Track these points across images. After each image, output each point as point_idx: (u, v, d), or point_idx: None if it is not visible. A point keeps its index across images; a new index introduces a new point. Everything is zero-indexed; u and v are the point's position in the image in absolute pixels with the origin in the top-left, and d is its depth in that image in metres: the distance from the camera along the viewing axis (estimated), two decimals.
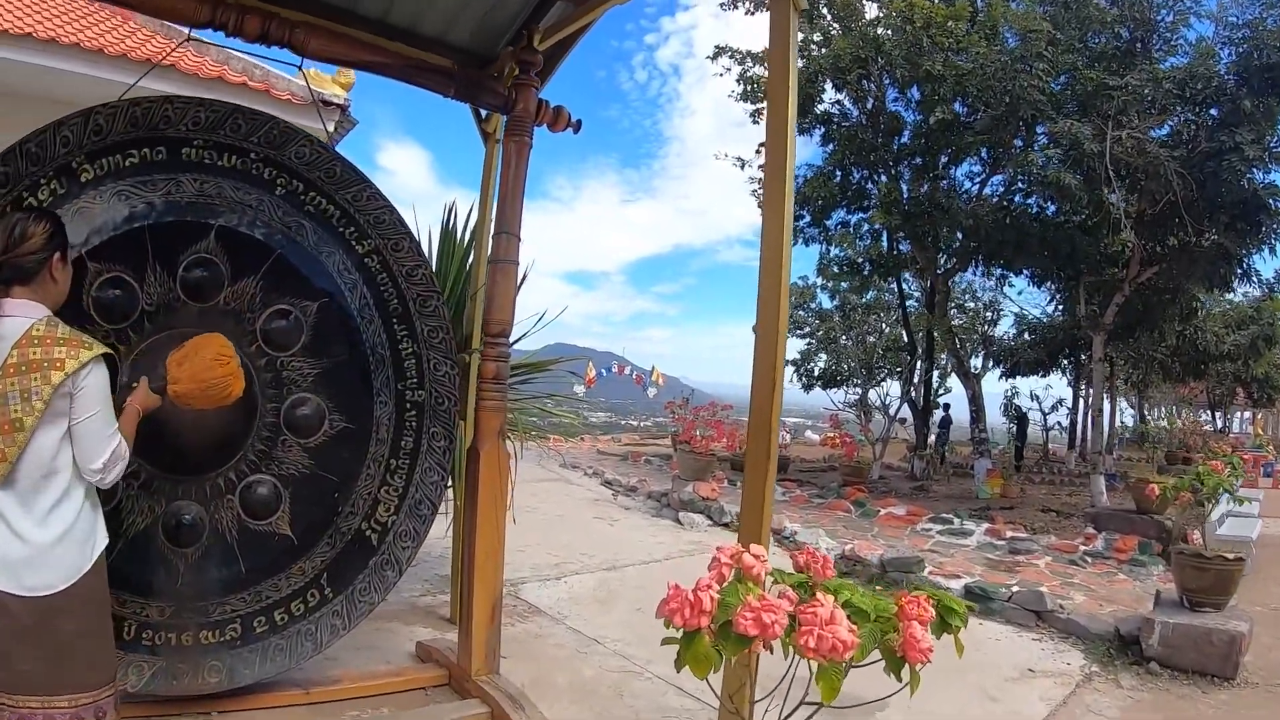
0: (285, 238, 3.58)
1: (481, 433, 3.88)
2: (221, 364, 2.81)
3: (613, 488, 12.16)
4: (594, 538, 8.55)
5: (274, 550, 3.62)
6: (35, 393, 2.30)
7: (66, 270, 2.58)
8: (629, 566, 7.39)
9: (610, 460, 15.45)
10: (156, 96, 3.32)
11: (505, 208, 3.94)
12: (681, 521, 9.69)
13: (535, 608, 5.89)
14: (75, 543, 2.42)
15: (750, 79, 16.51)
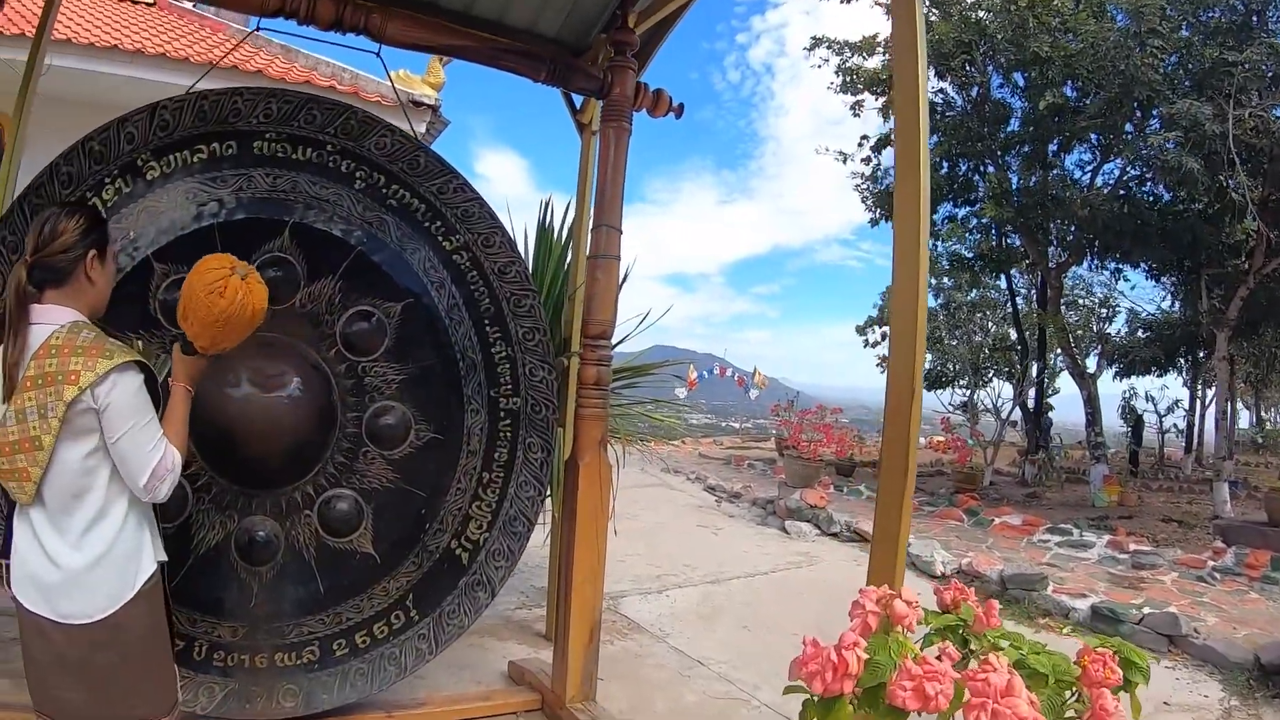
0: (366, 234, 3.33)
1: (581, 443, 3.60)
2: (220, 294, 2.40)
3: (716, 494, 11.79)
4: (697, 548, 8.22)
5: (355, 569, 3.39)
6: (50, 409, 2.10)
7: (105, 269, 2.36)
8: (734, 579, 7.03)
9: (713, 464, 15.04)
10: (225, 89, 3.15)
11: (604, 199, 3.65)
12: (788, 530, 9.26)
13: (635, 624, 5.60)
14: (113, 568, 2.21)
15: (849, 69, 16.04)
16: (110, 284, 2.42)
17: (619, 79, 3.68)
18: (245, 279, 2.42)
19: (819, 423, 12.65)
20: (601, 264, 3.61)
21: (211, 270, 2.39)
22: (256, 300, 2.46)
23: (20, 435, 2.11)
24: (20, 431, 2.11)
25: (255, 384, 3.15)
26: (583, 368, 3.63)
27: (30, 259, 2.22)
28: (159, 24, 9.48)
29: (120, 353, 2.18)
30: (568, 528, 3.64)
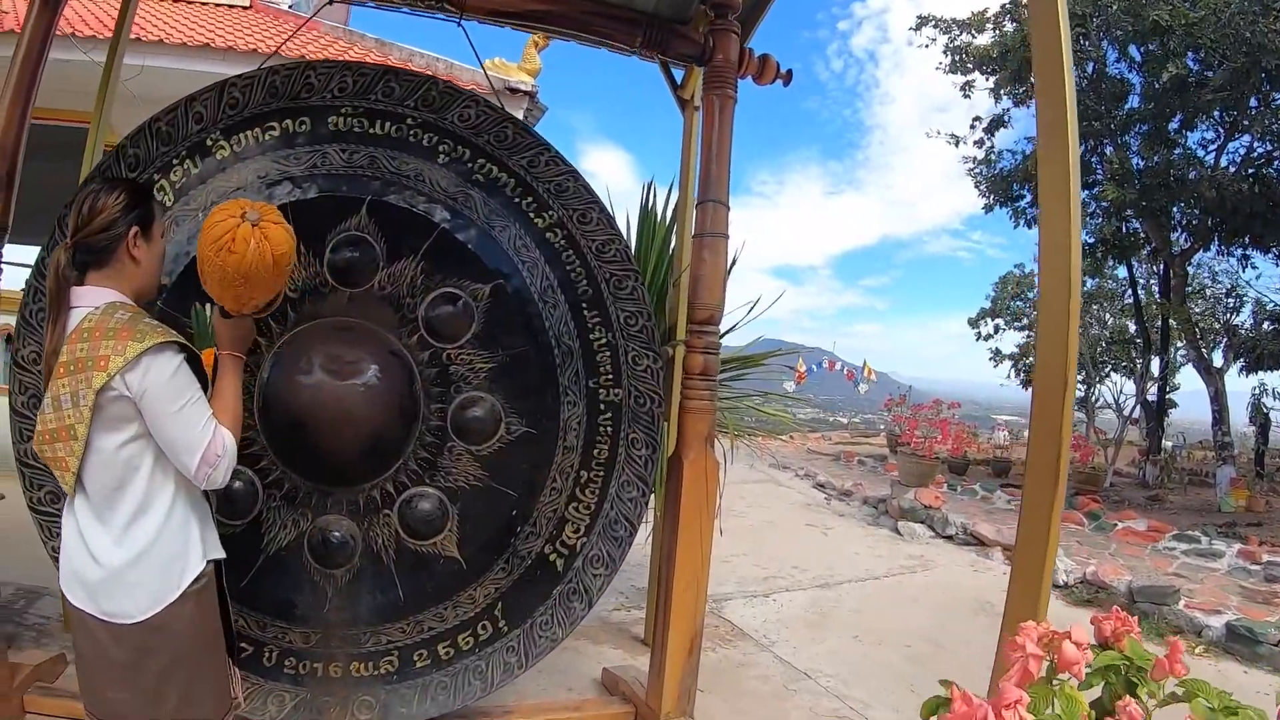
0: (450, 211, 3.07)
1: (686, 438, 3.29)
2: (228, 250, 2.11)
3: (825, 491, 11.37)
4: (806, 548, 7.88)
5: (439, 575, 3.15)
6: (81, 397, 1.97)
7: (152, 248, 2.18)
8: (844, 584, 6.67)
9: (821, 460, 14.58)
10: (297, 62, 2.98)
11: (709, 173, 3.33)
12: (901, 532, 8.84)
13: (739, 630, 5.31)
14: (156, 567, 2.06)
15: (958, 48, 15.42)
16: (159, 264, 2.25)
17: (721, 43, 3.37)
18: (258, 224, 2.14)
19: (935, 418, 12.11)
20: (708, 243, 3.29)
21: (217, 224, 2.13)
22: (275, 244, 2.17)
23: (57, 424, 2.01)
24: (57, 420, 2.01)
25: (329, 371, 2.93)
26: (689, 356, 3.31)
27: (70, 239, 2.07)
28: (252, 24, 9.60)
29: (153, 333, 1.98)
30: (670, 530, 3.34)
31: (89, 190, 2.12)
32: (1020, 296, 18.98)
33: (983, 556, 8.04)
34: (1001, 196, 15.71)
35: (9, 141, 2.85)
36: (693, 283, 3.33)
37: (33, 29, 2.92)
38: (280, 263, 2.20)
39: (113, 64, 4.05)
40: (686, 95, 4.30)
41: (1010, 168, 15.54)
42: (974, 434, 14.12)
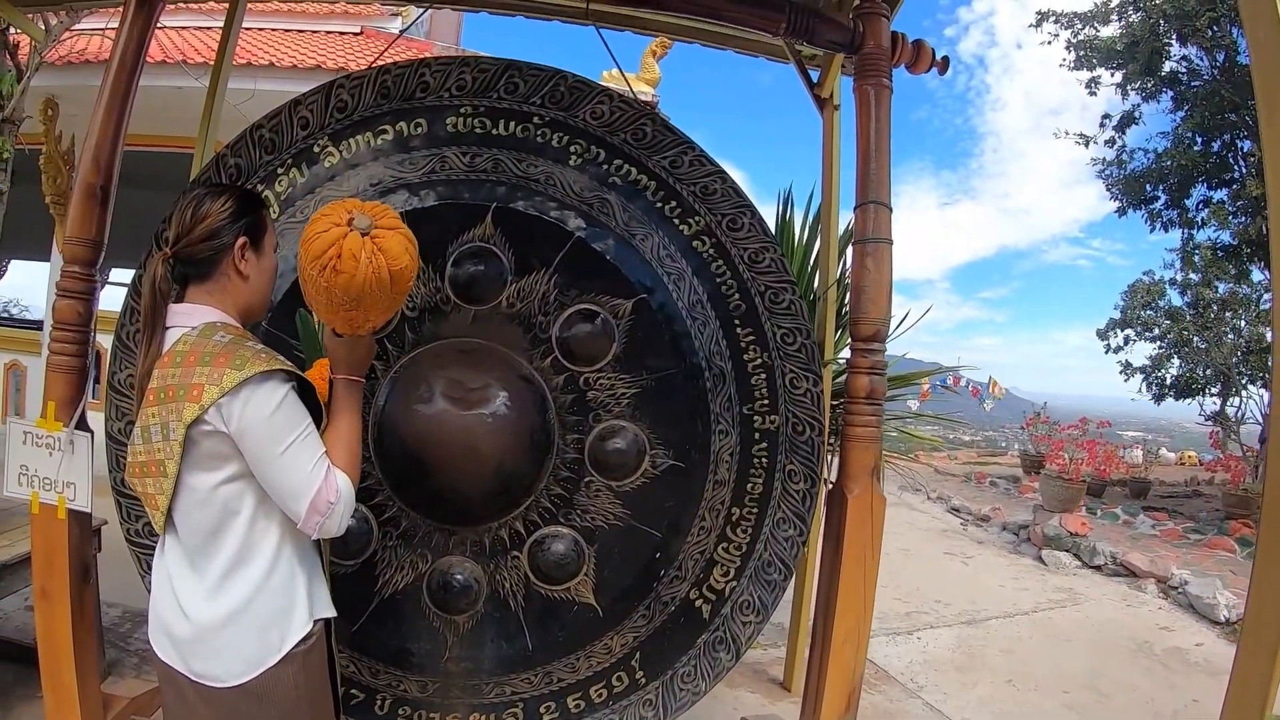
0: (585, 218, 2.76)
1: (850, 470, 2.86)
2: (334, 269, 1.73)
3: (961, 516, 10.81)
4: (946, 580, 7.41)
5: (572, 622, 2.83)
6: (172, 429, 1.73)
7: (262, 262, 1.93)
8: (991, 620, 6.18)
9: (951, 481, 13.98)
10: (410, 61, 2.74)
11: (868, 171, 2.94)
12: (1045, 561, 8.24)
13: (884, 672, 4.90)
14: (252, 628, 1.79)
15: (1081, 43, 14.70)
16: (270, 280, 1.99)
17: (872, 28, 3.00)
18: (369, 233, 1.77)
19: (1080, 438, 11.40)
20: (871, 249, 2.89)
21: (319, 235, 1.75)
22: (391, 258, 1.79)
23: (147, 456, 1.79)
24: (146, 452, 1.79)
25: (451, 399, 2.65)
26: (853, 377, 2.91)
27: (170, 249, 1.81)
28: (363, 47, 9.72)
29: (255, 360, 1.70)
30: (829, 573, 2.93)
31: (193, 196, 1.87)
32: (1151, 305, 17.98)
33: (1135, 589, 7.44)
34: (1134, 199, 14.93)
35: (104, 154, 2.69)
36: (855, 294, 2.93)
37: (126, 36, 2.76)
38: (399, 279, 1.83)
39: (217, 85, 3.92)
40: (825, 94, 3.98)
41: (1143, 168, 14.76)
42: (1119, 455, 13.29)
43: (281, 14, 10.51)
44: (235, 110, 4.08)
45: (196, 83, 6.00)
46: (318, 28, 10.68)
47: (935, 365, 7.43)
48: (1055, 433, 12.32)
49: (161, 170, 7.56)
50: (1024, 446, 14.48)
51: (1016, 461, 15.03)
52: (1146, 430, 28.68)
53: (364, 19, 10.79)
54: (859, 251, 2.93)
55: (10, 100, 6.30)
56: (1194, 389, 17.19)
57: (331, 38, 10.39)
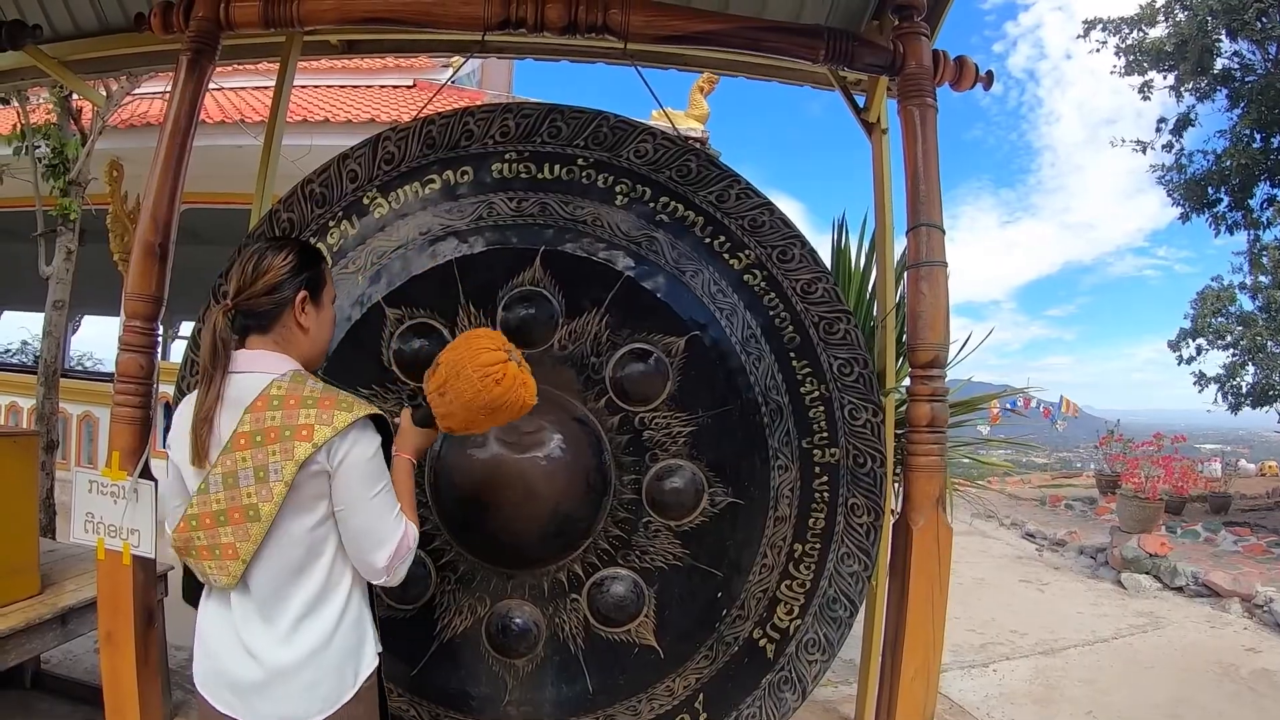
0: (634, 257, 2.75)
1: (915, 500, 2.80)
2: (496, 381, 2.00)
3: (1036, 541, 10.53)
4: (1022, 608, 7.20)
5: (633, 665, 2.79)
6: (274, 472, 1.76)
7: (321, 315, 2.00)
8: (1070, 649, 5.98)
9: (1025, 506, 13.60)
10: (453, 110, 2.79)
11: (918, 193, 2.90)
12: (1124, 584, 7.97)
13: (959, 707, 4.77)
14: (331, 665, 1.85)
15: (1131, 48, 14.46)
16: (329, 332, 2.06)
17: (912, 48, 2.97)
18: (521, 366, 2.08)
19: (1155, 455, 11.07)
20: (925, 273, 2.84)
21: (487, 351, 2.04)
22: (529, 394, 2.09)
23: (229, 504, 1.79)
24: (229, 500, 1.79)
25: (506, 444, 2.65)
26: (913, 405, 2.86)
27: (231, 302, 1.89)
28: (416, 100, 9.88)
29: (360, 405, 1.85)
30: (896, 608, 2.87)
31: (253, 250, 1.92)
32: (1221, 312, 17.46)
33: (1219, 610, 7.17)
34: (1197, 203, 14.58)
35: (161, 212, 2.77)
36: (911, 319, 2.88)
37: (179, 98, 2.84)
38: (524, 409, 2.12)
39: (271, 141, 4.01)
40: (872, 118, 3.92)
41: (1203, 170, 14.42)
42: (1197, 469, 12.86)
43: (335, 71, 10.80)
44: (293, 166, 4.16)
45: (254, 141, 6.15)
46: (371, 82, 10.96)
47: (1004, 388, 7.27)
48: (1130, 450, 11.95)
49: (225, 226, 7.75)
50: (1099, 466, 14.08)
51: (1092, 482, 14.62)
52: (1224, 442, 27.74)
53: (416, 72, 11.03)
54: (913, 276, 2.88)
55: (75, 164, 6.50)
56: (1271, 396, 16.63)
57: (385, 91, 10.64)
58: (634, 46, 2.93)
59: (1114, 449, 12.84)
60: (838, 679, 4.93)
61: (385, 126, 7.10)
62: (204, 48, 2.93)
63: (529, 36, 3.21)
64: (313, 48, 4.45)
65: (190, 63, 2.90)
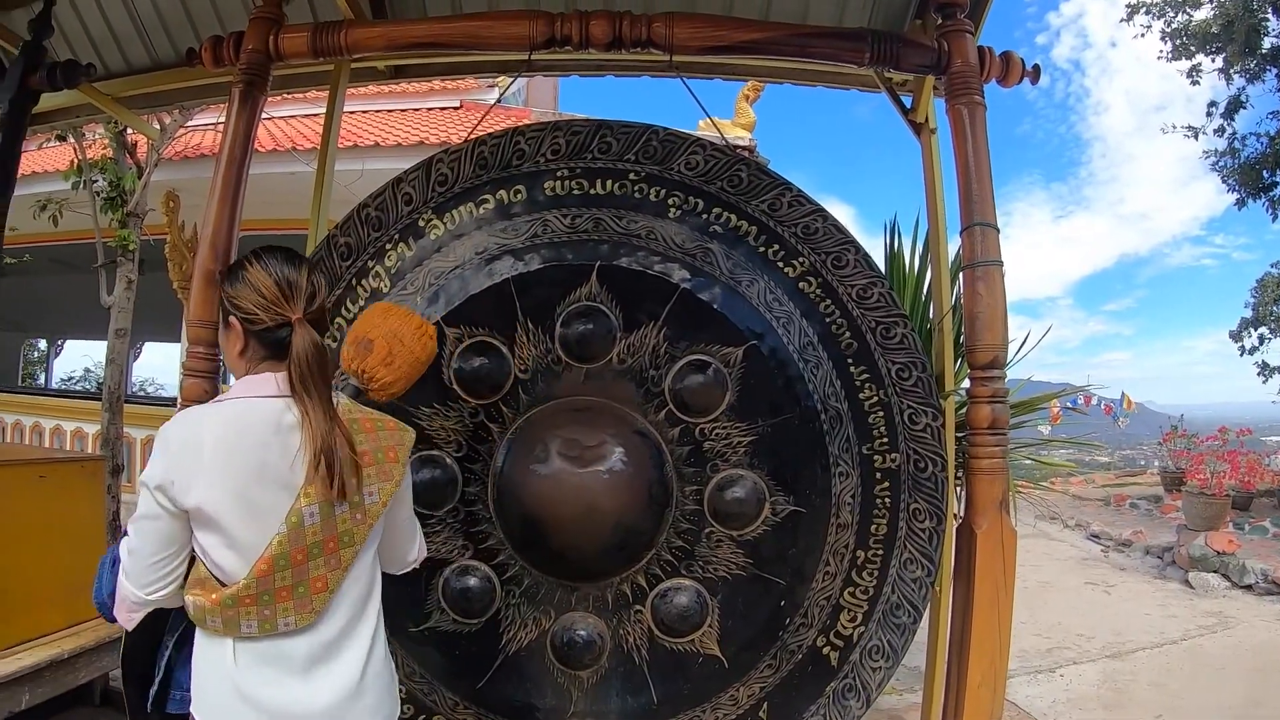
0: (689, 269, 2.76)
1: (978, 504, 2.77)
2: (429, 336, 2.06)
3: (1101, 542, 10.36)
4: (1088, 611, 7.09)
5: (697, 675, 2.79)
6: (370, 495, 1.78)
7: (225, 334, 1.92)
8: (1138, 652, 5.87)
9: (1089, 506, 13.33)
10: (503, 130, 2.81)
11: (970, 192, 2.88)
12: (1192, 584, 7.82)
13: (1026, 714, 4.71)
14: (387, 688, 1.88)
15: (1176, 31, 14.17)
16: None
17: (957, 46, 2.95)
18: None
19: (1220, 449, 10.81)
20: (981, 273, 2.82)
21: (407, 314, 2.09)
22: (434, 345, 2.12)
23: (325, 535, 1.71)
24: (325, 531, 1.71)
25: (567, 458, 2.67)
26: (974, 408, 2.83)
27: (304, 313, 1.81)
28: (463, 121, 10.02)
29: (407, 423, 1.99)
30: (961, 613, 2.84)
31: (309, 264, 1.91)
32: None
33: None
34: (1252, 188, 14.22)
35: (220, 240, 2.83)
36: (968, 321, 2.86)
37: (233, 128, 2.91)
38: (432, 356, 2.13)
39: (324, 166, 4.07)
40: (919, 119, 3.89)
41: (1258, 153, 14.08)
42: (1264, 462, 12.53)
43: (383, 95, 10.98)
44: (346, 190, 4.23)
45: (306, 167, 6.26)
46: (418, 105, 11.13)
47: (1064, 386, 7.15)
48: (1194, 446, 11.69)
49: None
50: (1162, 463, 13.77)
51: (1156, 480, 14.30)
52: None
53: (462, 93, 11.16)
54: (969, 277, 2.86)
55: (133, 196, 6.67)
56: None
57: (433, 114, 10.78)
58: (679, 59, 2.95)
59: (1178, 445, 12.57)
60: (902, 686, 4.89)
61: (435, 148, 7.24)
62: (255, 79, 3.00)
63: (575, 54, 3.25)
64: (361, 74, 4.51)
65: (243, 94, 2.97)
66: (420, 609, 2.70)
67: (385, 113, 10.66)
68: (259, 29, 3.00)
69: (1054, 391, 6.12)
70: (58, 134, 6.74)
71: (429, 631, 2.71)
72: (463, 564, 2.72)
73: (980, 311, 2.81)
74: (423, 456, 2.67)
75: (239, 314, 1.80)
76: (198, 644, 1.76)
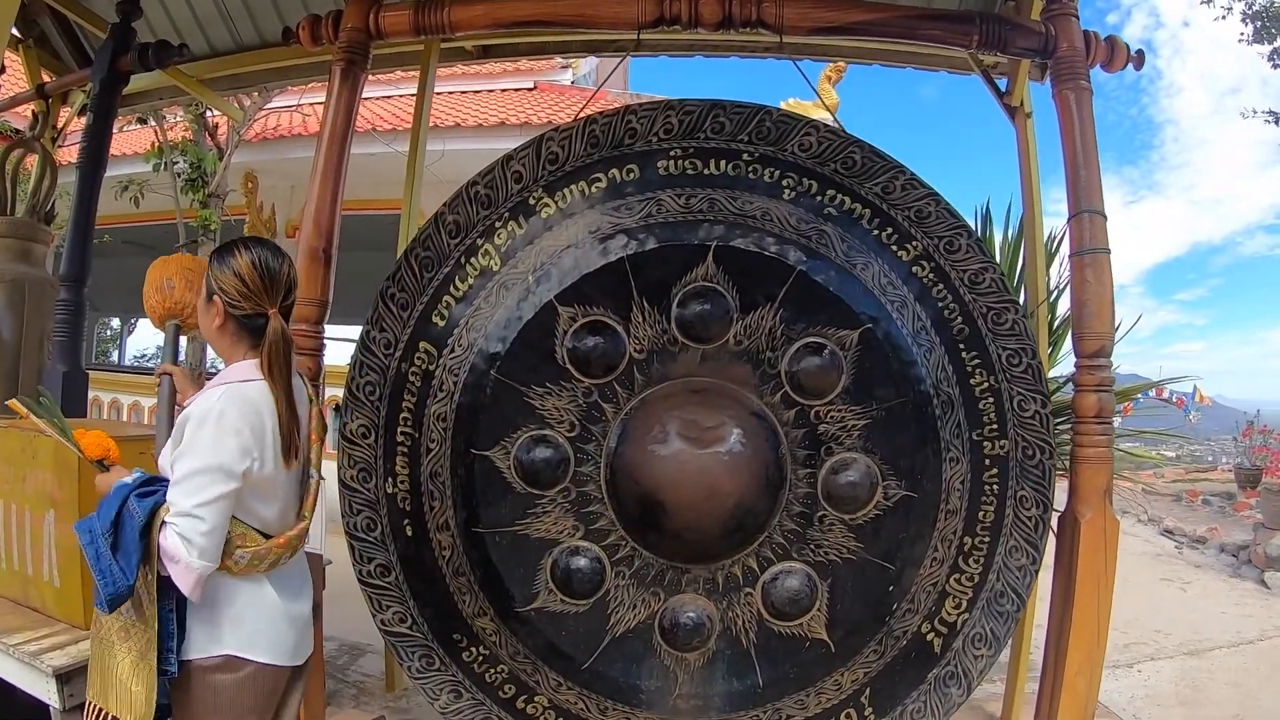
0: (804, 251, 2.74)
1: (1081, 492, 2.81)
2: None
3: (1174, 538, 10.20)
4: (1164, 608, 6.99)
5: (804, 659, 2.78)
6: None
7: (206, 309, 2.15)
8: (1215, 650, 5.78)
9: (1161, 501, 13.04)
10: (614, 109, 2.80)
11: (1079, 179, 2.90)
12: (1268, 584, 7.63)
13: (1104, 707, 4.60)
14: None
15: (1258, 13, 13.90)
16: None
17: (1064, 30, 2.98)
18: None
19: None
20: (1090, 260, 2.85)
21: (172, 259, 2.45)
22: None
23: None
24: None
25: (688, 439, 2.68)
26: (1080, 396, 2.84)
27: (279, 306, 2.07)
28: (539, 102, 10.04)
29: None
30: (1061, 602, 2.86)
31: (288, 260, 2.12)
32: None
33: None
34: None
35: (324, 219, 2.89)
36: (1076, 308, 2.89)
37: (335, 106, 2.92)
38: None
39: (416, 147, 4.08)
40: (1015, 102, 3.91)
41: None
42: None
43: (457, 77, 10.99)
44: (429, 171, 4.25)
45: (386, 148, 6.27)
46: (492, 87, 11.13)
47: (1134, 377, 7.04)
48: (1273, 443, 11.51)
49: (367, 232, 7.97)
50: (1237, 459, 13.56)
51: (1228, 476, 14.03)
52: None
53: (536, 74, 11.15)
54: (1077, 264, 2.88)
55: (214, 177, 6.72)
56: None
57: (507, 95, 10.79)
58: (790, 39, 2.94)
59: (1257, 440, 12.38)
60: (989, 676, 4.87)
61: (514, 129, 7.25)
62: (356, 57, 3.03)
63: (681, 33, 3.24)
64: (449, 54, 4.51)
65: (344, 72, 3.00)
66: (528, 589, 2.72)
67: (460, 94, 10.66)
68: (359, 7, 3.02)
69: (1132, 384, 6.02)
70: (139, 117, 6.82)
71: (536, 612, 2.73)
72: (573, 544, 2.73)
73: (1088, 299, 2.83)
74: (534, 435, 2.69)
75: (223, 296, 2.01)
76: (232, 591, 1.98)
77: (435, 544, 2.75)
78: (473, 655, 2.78)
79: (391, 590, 2.77)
